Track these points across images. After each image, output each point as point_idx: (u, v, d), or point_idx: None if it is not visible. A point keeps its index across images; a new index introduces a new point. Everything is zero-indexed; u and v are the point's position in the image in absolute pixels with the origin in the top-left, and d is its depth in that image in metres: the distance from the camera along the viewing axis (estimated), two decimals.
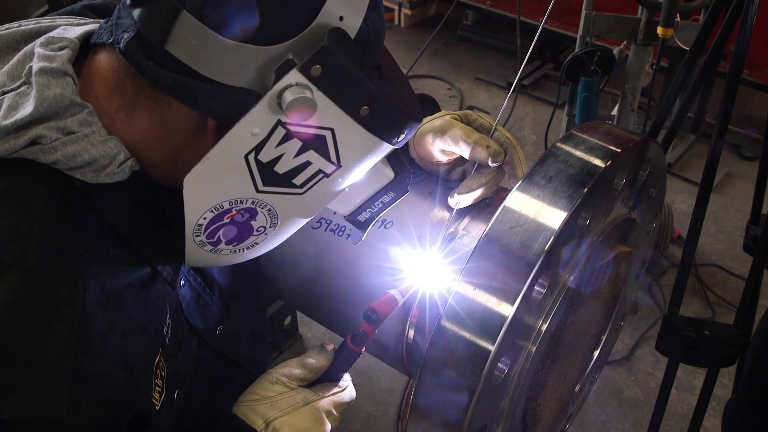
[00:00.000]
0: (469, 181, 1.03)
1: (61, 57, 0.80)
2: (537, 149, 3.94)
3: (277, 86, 0.72)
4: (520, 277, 0.79)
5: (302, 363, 1.00)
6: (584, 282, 0.93)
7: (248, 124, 0.74)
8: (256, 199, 0.81)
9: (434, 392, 0.85)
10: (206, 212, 0.80)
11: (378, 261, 1.05)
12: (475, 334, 0.80)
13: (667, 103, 1.86)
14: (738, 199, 3.56)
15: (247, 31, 0.72)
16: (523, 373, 0.87)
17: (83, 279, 0.75)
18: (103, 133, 0.79)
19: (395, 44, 4.98)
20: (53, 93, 0.77)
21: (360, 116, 0.77)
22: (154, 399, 0.83)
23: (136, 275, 0.84)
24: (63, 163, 0.77)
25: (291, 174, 0.80)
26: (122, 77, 0.79)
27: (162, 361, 0.86)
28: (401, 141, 0.83)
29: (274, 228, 0.86)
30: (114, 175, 0.79)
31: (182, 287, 0.99)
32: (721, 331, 1.59)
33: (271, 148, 0.76)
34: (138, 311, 0.83)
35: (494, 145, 1.00)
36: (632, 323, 2.91)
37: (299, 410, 0.96)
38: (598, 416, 2.56)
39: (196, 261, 0.87)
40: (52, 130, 0.76)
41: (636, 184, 1.00)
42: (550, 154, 0.88)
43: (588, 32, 2.71)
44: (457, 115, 1.06)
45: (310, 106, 0.73)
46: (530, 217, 0.82)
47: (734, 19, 1.52)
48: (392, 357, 1.10)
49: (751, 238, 1.86)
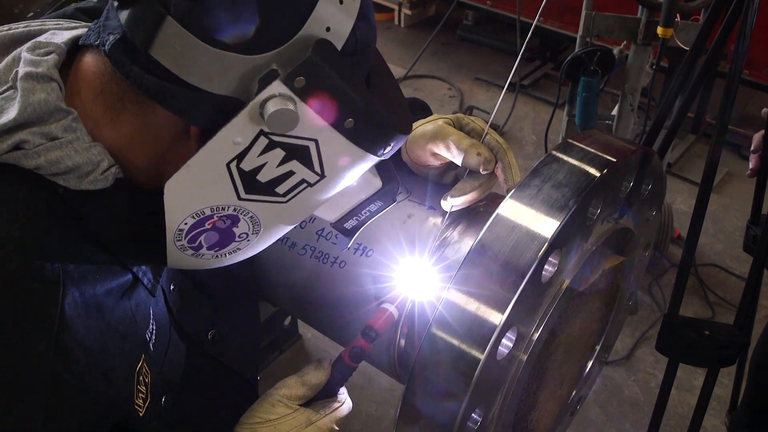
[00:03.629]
0: (463, 185, 1.02)
1: (47, 62, 0.80)
2: (537, 149, 3.94)
3: (260, 96, 0.71)
4: (510, 286, 0.79)
5: (302, 381, 0.99)
6: (579, 284, 0.93)
7: (230, 132, 0.73)
8: (238, 206, 0.80)
9: (423, 399, 0.84)
10: (187, 218, 0.79)
11: (362, 286, 1.04)
12: (464, 341, 0.80)
13: (667, 103, 1.87)
14: (738, 199, 3.56)
15: (231, 40, 0.71)
16: (513, 383, 0.87)
17: (62, 286, 0.74)
18: (87, 140, 0.78)
19: (395, 44, 4.98)
20: (38, 98, 0.77)
21: (344, 128, 0.76)
22: (137, 406, 0.82)
23: (117, 282, 0.83)
24: (46, 169, 0.76)
25: (274, 183, 0.79)
26: (108, 80, 0.78)
27: (145, 368, 0.86)
28: (387, 153, 0.82)
29: (257, 235, 0.85)
30: (97, 182, 0.78)
31: (173, 291, 0.98)
32: (721, 331, 1.59)
33: (253, 158, 0.75)
34: (119, 318, 0.82)
35: (485, 152, 1.00)
36: (632, 323, 2.91)
37: (303, 431, 0.95)
38: (598, 416, 2.56)
39: (179, 264, 0.86)
40: (35, 136, 0.76)
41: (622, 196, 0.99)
42: (544, 163, 0.89)
43: (588, 32, 2.71)
44: (449, 120, 1.06)
45: (293, 118, 0.72)
46: (523, 225, 0.82)
47: (734, 19, 1.52)
48: (384, 363, 1.10)
49: (751, 238, 1.86)
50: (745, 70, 1.61)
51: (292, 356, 2.71)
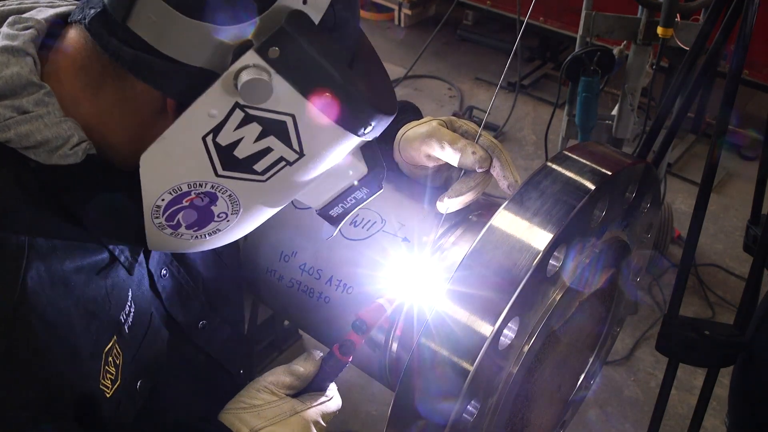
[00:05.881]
0: (459, 186, 1.02)
1: (24, 36, 0.80)
2: (537, 149, 3.94)
3: (234, 66, 0.71)
4: (503, 296, 0.78)
5: (290, 370, 0.99)
6: (578, 285, 0.93)
7: (205, 104, 0.73)
8: (216, 183, 0.80)
9: (415, 404, 0.84)
10: (164, 194, 0.79)
11: (347, 320, 1.03)
12: (455, 353, 0.79)
13: (667, 103, 1.86)
14: (738, 199, 3.56)
15: (206, 10, 0.71)
16: (503, 394, 0.87)
17: (26, 257, 0.74)
18: (58, 115, 0.78)
19: (395, 44, 4.98)
20: (10, 72, 0.77)
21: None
22: (103, 385, 0.82)
23: (90, 259, 0.83)
24: (16, 142, 0.76)
25: (251, 160, 0.78)
26: (89, 55, 0.78)
27: (117, 349, 0.85)
28: (369, 133, 0.81)
29: (236, 215, 0.85)
30: (67, 157, 0.78)
31: (163, 277, 0.98)
32: (721, 331, 1.59)
33: (229, 132, 0.75)
34: (89, 296, 0.82)
35: (480, 150, 1.00)
36: (632, 323, 2.91)
37: (286, 420, 0.95)
38: (598, 416, 2.56)
39: (160, 245, 0.86)
40: (6, 109, 0.76)
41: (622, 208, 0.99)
42: (540, 174, 0.88)
43: (588, 32, 2.71)
44: (442, 121, 1.06)
45: (266, 89, 0.72)
46: (516, 237, 0.82)
47: (734, 19, 1.52)
48: (376, 369, 1.09)
49: (751, 238, 1.86)
50: (745, 70, 1.61)
51: (291, 356, 2.70)
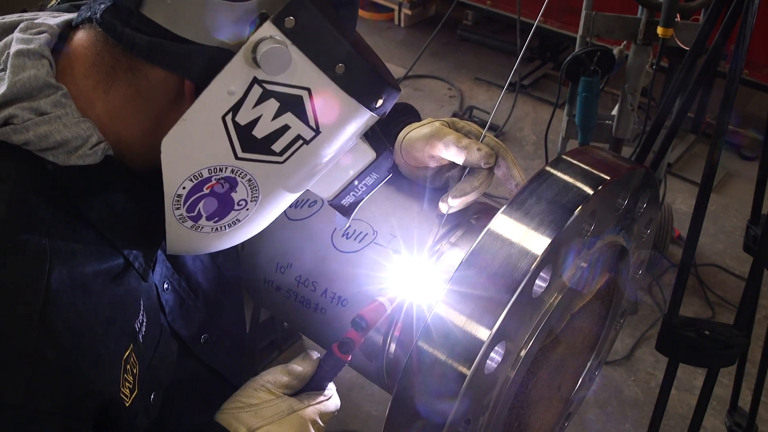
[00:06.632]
0: (462, 185, 1.02)
1: (39, 40, 0.80)
2: (537, 149, 3.94)
3: (252, 39, 0.72)
4: (501, 300, 0.78)
5: (287, 370, 0.99)
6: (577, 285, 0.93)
7: (224, 81, 0.74)
8: (236, 167, 0.80)
9: (409, 410, 0.84)
10: (185, 181, 0.79)
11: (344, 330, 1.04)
12: (451, 356, 0.79)
13: (667, 103, 1.86)
14: (738, 199, 3.56)
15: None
16: (500, 397, 0.86)
17: (49, 261, 0.74)
18: (76, 115, 0.78)
19: (395, 44, 4.98)
20: (27, 74, 0.77)
21: (336, 74, 0.77)
22: (123, 394, 0.82)
23: (106, 265, 0.83)
24: (35, 144, 0.76)
25: (270, 139, 0.79)
26: (100, 51, 0.79)
27: (133, 357, 0.85)
28: (380, 108, 0.83)
29: (255, 203, 0.85)
30: (86, 158, 0.78)
31: (166, 290, 0.98)
32: (721, 331, 1.59)
33: (248, 109, 0.76)
34: (106, 301, 0.81)
35: (485, 147, 1.01)
36: (632, 323, 2.91)
37: (284, 419, 0.94)
38: (598, 416, 2.56)
39: (178, 244, 0.86)
40: (24, 111, 0.76)
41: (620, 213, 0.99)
42: (538, 178, 0.88)
43: (588, 32, 2.71)
44: (444, 122, 1.06)
45: (286, 57, 0.73)
46: (514, 241, 0.82)
47: (734, 19, 1.52)
48: (373, 371, 1.09)
49: (751, 238, 1.86)
50: (745, 70, 1.61)
51: (291, 356, 2.70)
